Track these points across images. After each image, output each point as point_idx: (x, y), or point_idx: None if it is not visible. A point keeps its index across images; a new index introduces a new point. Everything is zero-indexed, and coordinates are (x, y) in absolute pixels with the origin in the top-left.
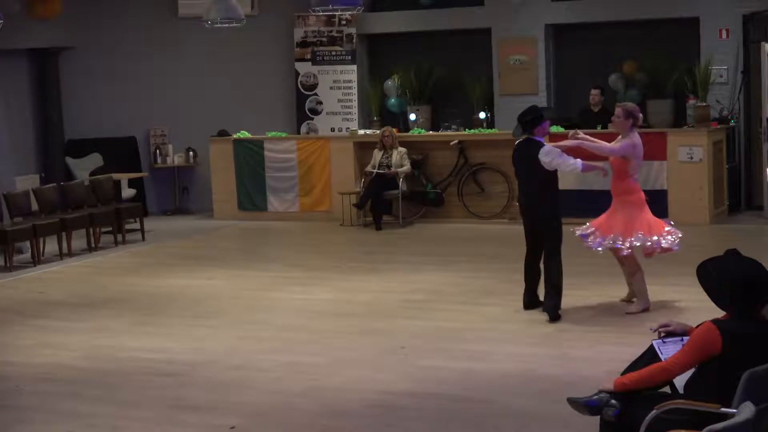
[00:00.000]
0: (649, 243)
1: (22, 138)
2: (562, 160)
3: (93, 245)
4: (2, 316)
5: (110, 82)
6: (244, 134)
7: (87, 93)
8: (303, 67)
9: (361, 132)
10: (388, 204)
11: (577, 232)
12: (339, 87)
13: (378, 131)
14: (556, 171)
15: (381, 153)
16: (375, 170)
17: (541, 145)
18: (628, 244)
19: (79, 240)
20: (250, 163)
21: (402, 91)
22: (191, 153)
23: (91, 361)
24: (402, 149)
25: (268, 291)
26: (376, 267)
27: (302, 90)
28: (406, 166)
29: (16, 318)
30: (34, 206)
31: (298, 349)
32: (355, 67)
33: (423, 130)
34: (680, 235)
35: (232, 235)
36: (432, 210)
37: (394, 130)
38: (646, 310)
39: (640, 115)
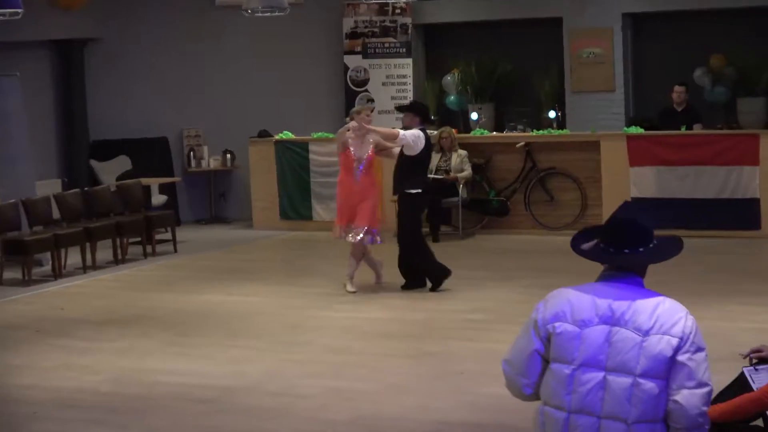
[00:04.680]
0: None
1: (43, 138)
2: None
3: (120, 257)
4: (20, 335)
5: (140, 77)
6: (287, 135)
7: (114, 89)
8: (353, 61)
9: None
10: (446, 213)
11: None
12: (392, 83)
13: (435, 132)
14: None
15: (439, 156)
16: (432, 175)
17: None
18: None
19: (104, 251)
20: (294, 167)
21: (462, 88)
22: (228, 156)
23: (117, 385)
24: (462, 152)
25: (312, 309)
26: None
27: (352, 86)
28: (467, 171)
29: (35, 337)
30: (56, 214)
31: (344, 374)
32: (410, 60)
33: (486, 131)
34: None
35: (273, 246)
36: (495, 220)
37: (453, 130)
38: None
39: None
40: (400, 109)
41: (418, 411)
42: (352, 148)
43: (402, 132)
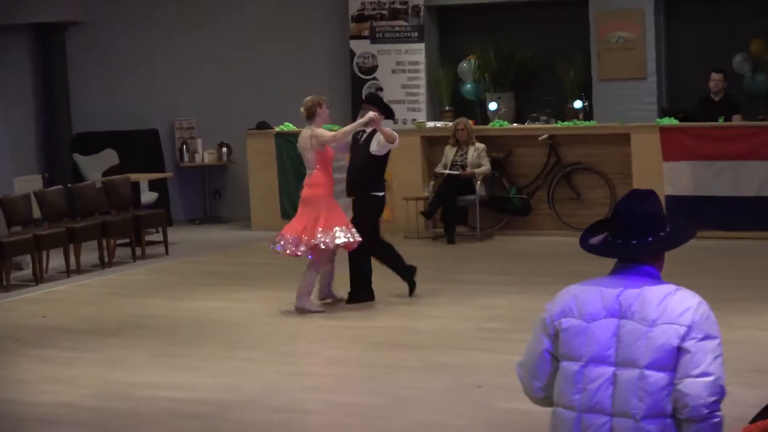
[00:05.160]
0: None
1: (21, 131)
2: None
3: (106, 260)
4: None
5: (128, 63)
6: (289, 127)
7: (99, 77)
8: (359, 47)
9: (430, 125)
10: (462, 212)
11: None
12: (403, 70)
13: (450, 124)
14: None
15: (454, 150)
16: (447, 171)
17: None
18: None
19: (89, 254)
20: (296, 162)
21: (480, 75)
22: (224, 149)
23: (103, 399)
24: (480, 145)
25: (315, 317)
26: (447, 288)
27: (358, 74)
28: (485, 166)
29: (14, 347)
30: (36, 213)
31: (351, 388)
32: (422, 46)
33: (505, 123)
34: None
35: None
36: (516, 219)
37: (470, 122)
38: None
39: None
40: (365, 101)
41: (432, 427)
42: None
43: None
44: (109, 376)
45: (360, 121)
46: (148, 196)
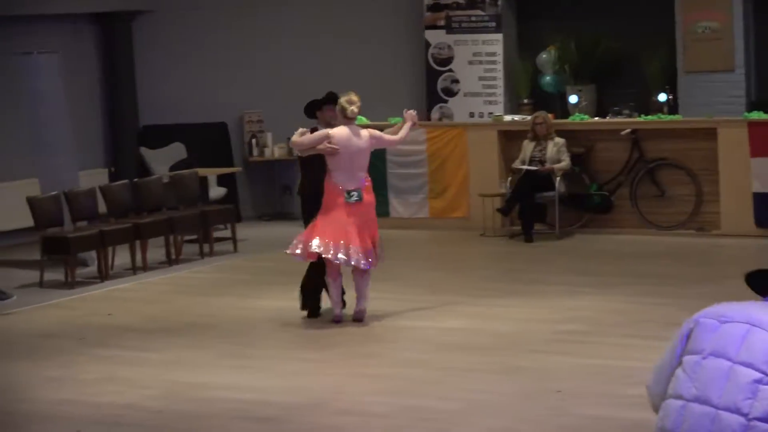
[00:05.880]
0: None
1: (86, 124)
2: None
3: (173, 257)
4: (60, 344)
5: (196, 54)
6: (361, 120)
7: (167, 68)
8: (435, 37)
9: (508, 118)
10: (541, 209)
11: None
12: (480, 61)
13: (529, 117)
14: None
15: (533, 145)
16: (525, 167)
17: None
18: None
19: (156, 250)
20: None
21: (560, 67)
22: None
23: (167, 401)
24: (559, 140)
25: (386, 317)
26: (524, 289)
27: (433, 65)
28: (565, 162)
29: (77, 346)
30: (102, 208)
31: (422, 391)
32: (500, 36)
33: (586, 116)
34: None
35: None
36: (597, 217)
37: (549, 116)
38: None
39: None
40: (326, 101)
41: None
42: None
43: None
44: (173, 376)
45: (408, 125)
46: (216, 192)
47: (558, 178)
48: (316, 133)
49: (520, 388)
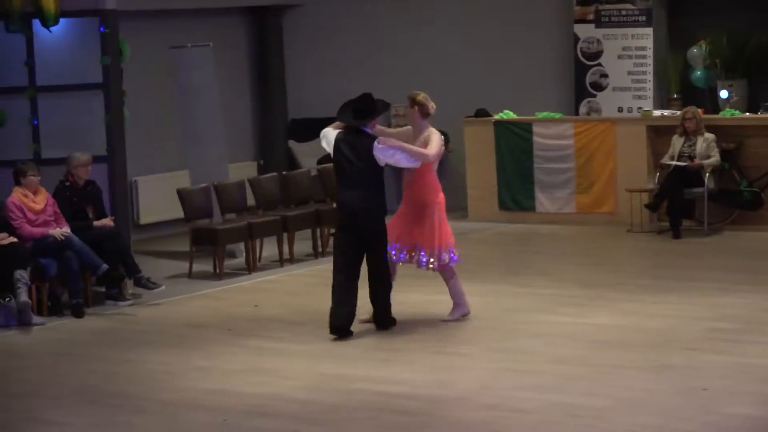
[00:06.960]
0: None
1: (236, 117)
2: (402, 155)
3: (320, 250)
4: (208, 334)
5: (345, 48)
6: (509, 114)
7: (316, 61)
8: (584, 31)
9: (657, 113)
10: (689, 205)
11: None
12: (629, 56)
13: (678, 112)
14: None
15: (682, 140)
16: (674, 162)
17: (373, 138)
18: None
19: (303, 243)
20: (515, 152)
21: (711, 62)
22: (441, 137)
23: (314, 392)
24: (709, 136)
25: (533, 312)
26: (673, 285)
27: (582, 59)
28: (714, 158)
29: (225, 337)
30: (250, 200)
31: (569, 387)
32: (650, 30)
33: (737, 112)
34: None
35: (490, 240)
36: (746, 214)
37: (699, 111)
38: (466, 315)
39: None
40: (382, 108)
41: (656, 430)
42: None
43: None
44: (320, 368)
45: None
46: None
47: (707, 174)
48: (435, 141)
49: (668, 385)
